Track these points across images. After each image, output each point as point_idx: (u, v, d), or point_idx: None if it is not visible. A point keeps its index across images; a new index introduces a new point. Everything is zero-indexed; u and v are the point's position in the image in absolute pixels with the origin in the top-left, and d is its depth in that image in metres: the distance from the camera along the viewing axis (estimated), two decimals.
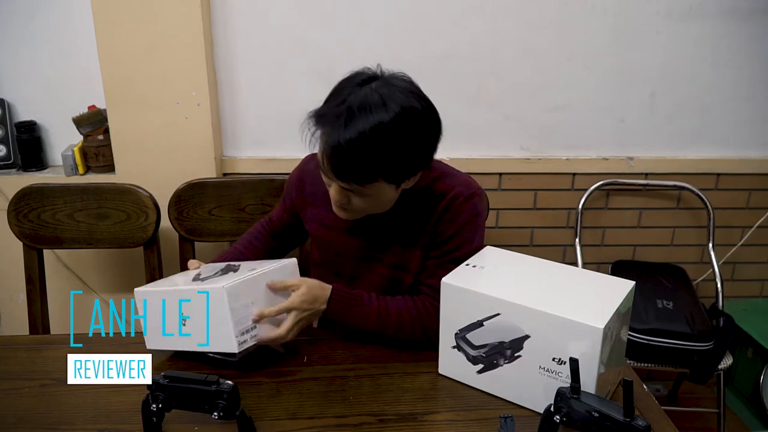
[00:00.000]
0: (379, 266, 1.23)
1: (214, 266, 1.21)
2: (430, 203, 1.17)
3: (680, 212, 2.07)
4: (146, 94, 1.75)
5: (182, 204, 1.70)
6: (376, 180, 1.03)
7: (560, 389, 0.91)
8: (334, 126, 0.99)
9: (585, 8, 1.82)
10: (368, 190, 1.06)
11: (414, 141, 1.03)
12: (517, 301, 0.98)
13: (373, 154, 0.99)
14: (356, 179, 1.03)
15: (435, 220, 1.16)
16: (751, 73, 1.91)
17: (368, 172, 1.02)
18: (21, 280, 1.67)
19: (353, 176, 1.02)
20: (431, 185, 1.18)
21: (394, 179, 1.06)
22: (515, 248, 1.20)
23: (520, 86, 1.90)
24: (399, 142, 1.00)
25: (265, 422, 0.99)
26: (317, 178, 1.18)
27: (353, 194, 1.08)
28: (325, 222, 1.26)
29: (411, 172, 1.08)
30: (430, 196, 1.17)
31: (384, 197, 1.10)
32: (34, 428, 1.00)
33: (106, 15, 1.68)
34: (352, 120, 0.98)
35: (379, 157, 1.00)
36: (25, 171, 1.91)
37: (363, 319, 1.16)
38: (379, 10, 1.80)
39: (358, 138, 0.97)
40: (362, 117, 0.98)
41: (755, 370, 2.05)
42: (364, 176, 1.02)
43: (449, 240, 1.16)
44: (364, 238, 1.23)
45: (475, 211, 1.17)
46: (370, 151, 0.99)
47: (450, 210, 1.15)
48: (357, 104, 0.99)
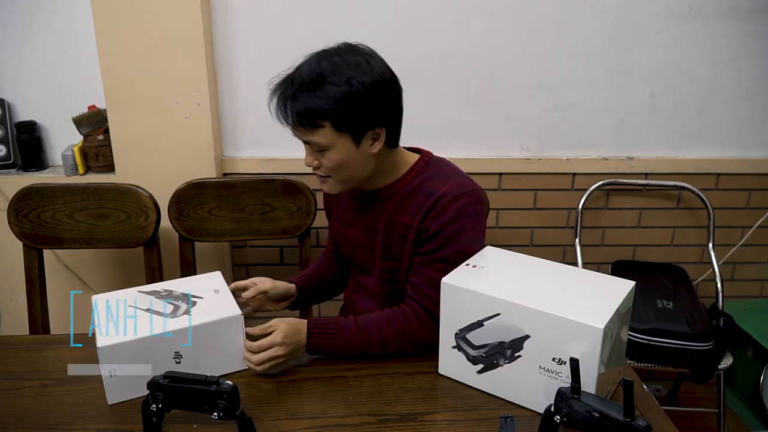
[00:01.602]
0: (378, 259, 1.27)
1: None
2: (419, 200, 1.18)
3: (680, 212, 2.07)
4: (146, 94, 1.75)
5: (182, 204, 1.70)
6: (324, 120, 1.08)
7: (560, 389, 0.91)
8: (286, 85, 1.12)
9: (585, 8, 1.82)
10: (322, 139, 1.10)
11: (358, 96, 1.09)
12: (517, 301, 0.98)
13: (317, 95, 1.08)
14: (305, 119, 1.09)
15: (420, 218, 1.17)
16: (751, 73, 1.91)
17: (313, 111, 1.08)
18: (21, 280, 1.67)
19: (302, 119, 1.09)
20: (423, 183, 1.20)
21: (341, 126, 1.10)
22: (515, 248, 1.20)
23: (520, 86, 1.90)
24: (341, 94, 1.08)
25: (265, 422, 0.99)
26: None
27: (317, 153, 1.14)
28: (343, 218, 1.34)
29: (358, 124, 1.11)
30: (419, 194, 1.19)
31: (346, 152, 1.12)
32: (34, 428, 1.00)
33: (106, 15, 1.68)
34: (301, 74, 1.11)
35: (322, 97, 1.08)
36: (25, 171, 1.91)
37: (345, 345, 1.14)
38: (379, 10, 1.80)
39: (307, 81, 1.09)
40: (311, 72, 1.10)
41: (755, 370, 2.05)
42: (310, 115, 1.08)
43: (432, 239, 1.16)
44: (366, 231, 1.28)
45: (461, 212, 1.15)
46: (315, 90, 1.08)
47: (434, 209, 1.16)
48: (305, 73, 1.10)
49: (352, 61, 1.10)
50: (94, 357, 1.18)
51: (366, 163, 1.16)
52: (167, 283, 1.23)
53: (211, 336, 1.07)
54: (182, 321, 1.07)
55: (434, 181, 1.19)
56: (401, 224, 1.21)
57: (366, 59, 1.11)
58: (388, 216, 1.22)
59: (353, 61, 1.10)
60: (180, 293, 1.17)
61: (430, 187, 1.18)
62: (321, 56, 1.12)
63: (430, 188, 1.18)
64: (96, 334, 1.05)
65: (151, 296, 1.16)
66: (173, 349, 1.05)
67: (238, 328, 1.09)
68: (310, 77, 1.09)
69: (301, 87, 1.09)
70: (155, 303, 1.14)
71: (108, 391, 1.04)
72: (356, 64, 1.10)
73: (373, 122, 1.12)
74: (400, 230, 1.21)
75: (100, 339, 1.02)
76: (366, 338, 1.14)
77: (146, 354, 1.02)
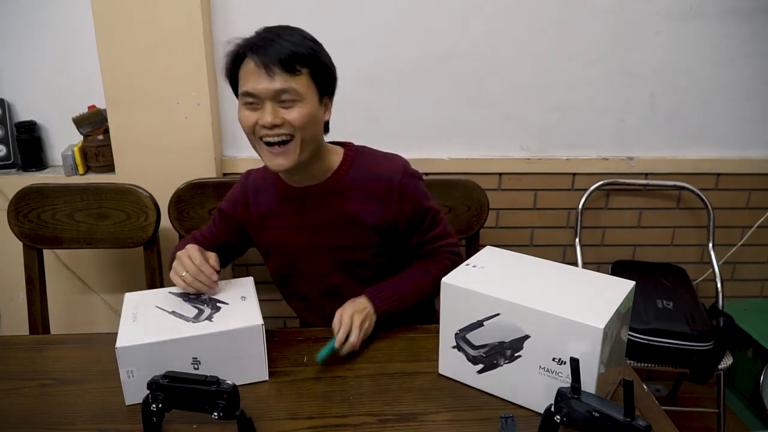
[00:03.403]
0: (332, 252, 1.29)
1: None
2: (368, 185, 1.25)
3: (680, 212, 2.07)
4: (146, 94, 1.75)
5: (182, 204, 1.70)
6: (303, 66, 1.12)
7: (560, 389, 0.91)
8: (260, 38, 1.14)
9: (585, 8, 1.82)
10: (298, 86, 1.11)
11: (322, 49, 1.17)
12: (517, 301, 0.98)
13: (297, 42, 1.12)
14: (288, 62, 1.10)
15: (381, 201, 1.25)
16: (751, 73, 1.91)
17: (296, 53, 1.11)
18: (21, 280, 1.67)
19: (284, 61, 1.10)
20: (362, 169, 1.26)
21: (316, 75, 1.14)
22: (515, 248, 1.20)
23: (520, 86, 1.90)
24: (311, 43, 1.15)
25: (265, 422, 0.99)
26: (260, 190, 1.31)
27: (285, 108, 1.12)
28: (275, 225, 1.31)
29: (325, 80, 1.17)
30: (364, 179, 1.25)
31: (312, 108, 1.14)
32: (34, 428, 1.00)
33: (106, 15, 1.68)
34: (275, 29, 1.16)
35: (300, 46, 1.12)
36: (25, 171, 1.91)
37: (407, 302, 1.26)
38: (379, 10, 1.80)
39: (286, 34, 1.14)
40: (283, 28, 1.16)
41: (755, 370, 2.05)
42: (294, 56, 1.11)
43: (416, 213, 1.28)
44: (309, 231, 1.28)
45: (410, 181, 1.26)
46: (292, 40, 1.12)
47: (394, 191, 1.24)
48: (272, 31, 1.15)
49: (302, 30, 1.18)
50: (94, 357, 1.19)
51: (320, 129, 1.20)
52: None
53: (231, 344, 1.06)
54: (202, 327, 1.06)
55: (371, 165, 1.27)
56: (352, 212, 1.25)
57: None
58: (334, 209, 1.25)
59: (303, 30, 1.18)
60: (207, 297, 1.16)
61: (371, 170, 1.26)
62: (273, 27, 1.17)
63: (372, 172, 1.25)
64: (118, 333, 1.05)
65: (179, 298, 1.16)
66: (191, 355, 1.04)
67: (259, 338, 1.07)
68: (285, 30, 1.14)
69: (279, 36, 1.12)
70: (181, 306, 1.13)
71: (126, 391, 1.04)
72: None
73: (331, 86, 1.20)
74: (351, 217, 1.25)
75: (119, 339, 1.02)
76: (421, 287, 1.27)
77: (164, 357, 1.02)
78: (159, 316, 1.10)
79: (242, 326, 1.07)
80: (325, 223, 1.26)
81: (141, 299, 1.17)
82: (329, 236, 1.27)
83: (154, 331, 1.05)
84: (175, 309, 1.12)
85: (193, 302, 1.14)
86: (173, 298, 1.16)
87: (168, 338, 1.03)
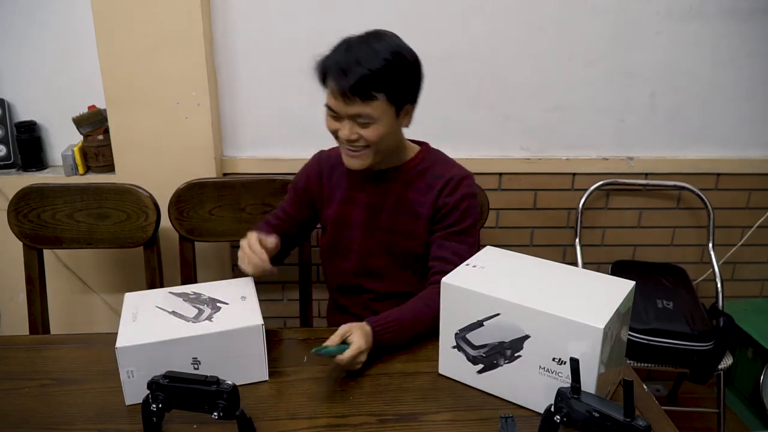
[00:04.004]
0: (384, 234, 1.35)
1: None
2: (428, 180, 1.32)
3: (680, 212, 2.07)
4: (146, 94, 1.75)
5: (182, 204, 1.70)
6: (379, 92, 1.16)
7: (560, 389, 0.91)
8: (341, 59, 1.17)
9: (585, 8, 1.82)
10: (373, 111, 1.17)
11: (405, 67, 1.20)
12: (517, 301, 0.98)
13: (373, 69, 1.15)
14: (361, 90, 1.14)
15: (435, 196, 1.31)
16: (751, 73, 1.91)
17: (371, 83, 1.14)
18: (21, 280, 1.67)
19: (360, 89, 1.14)
20: (430, 167, 1.34)
21: (393, 98, 1.18)
22: (515, 248, 1.20)
23: (520, 86, 1.90)
24: (393, 64, 1.17)
25: (265, 422, 0.99)
26: (334, 165, 1.38)
27: (361, 126, 1.19)
28: (340, 198, 1.38)
29: (404, 96, 1.21)
30: (429, 176, 1.33)
31: (388, 126, 1.21)
32: (34, 428, 1.00)
33: (106, 15, 1.68)
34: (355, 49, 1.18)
35: (378, 72, 1.15)
36: (25, 171, 1.91)
37: (406, 334, 1.19)
38: (379, 10, 1.80)
39: (365, 56, 1.15)
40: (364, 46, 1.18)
41: (755, 370, 2.05)
42: (367, 85, 1.14)
43: (451, 212, 1.30)
44: (368, 210, 1.35)
45: (469, 190, 1.32)
46: (371, 66, 1.14)
47: (447, 187, 1.31)
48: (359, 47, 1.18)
49: (396, 40, 1.21)
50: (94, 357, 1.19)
51: (396, 136, 1.28)
52: (198, 285, 1.23)
53: (230, 344, 1.06)
54: (202, 327, 1.06)
55: (440, 166, 1.35)
56: (412, 201, 1.32)
57: (400, 40, 1.23)
58: (396, 195, 1.33)
59: (397, 40, 1.22)
60: (207, 297, 1.16)
61: (438, 171, 1.33)
62: (364, 38, 1.19)
63: (437, 172, 1.33)
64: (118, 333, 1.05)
65: (179, 298, 1.16)
66: (191, 355, 1.04)
67: (259, 338, 1.07)
68: (365, 52, 1.16)
69: (356, 60, 1.14)
70: (181, 306, 1.14)
71: (126, 391, 1.04)
72: (398, 42, 1.21)
73: (412, 96, 1.25)
74: (410, 207, 1.33)
75: (119, 339, 1.02)
76: (421, 321, 1.21)
77: (164, 357, 1.02)
78: (159, 316, 1.10)
79: (242, 326, 1.07)
80: (384, 205, 1.34)
81: (141, 299, 1.17)
82: (385, 218, 1.34)
83: (154, 331, 1.05)
84: (175, 309, 1.12)
85: (193, 302, 1.14)
86: (173, 298, 1.16)
87: (168, 338, 1.03)
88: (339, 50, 1.19)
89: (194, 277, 1.75)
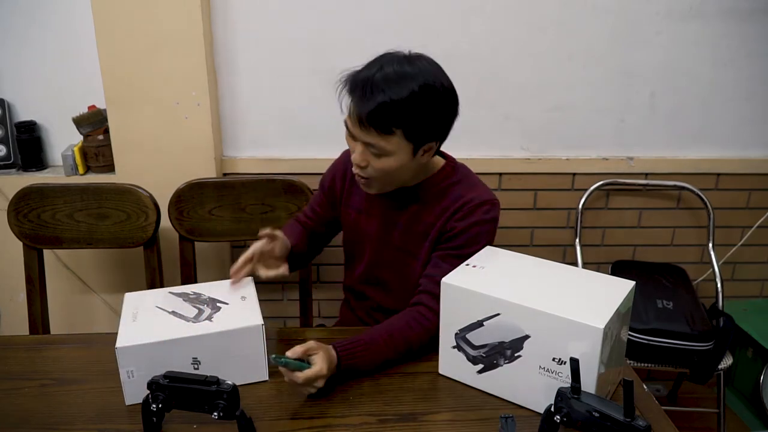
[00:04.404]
0: (392, 250, 1.30)
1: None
2: (445, 203, 1.23)
3: (680, 212, 2.07)
4: (146, 95, 1.75)
5: (182, 204, 1.70)
6: (397, 128, 1.08)
7: (560, 389, 0.91)
8: (366, 81, 1.08)
9: (585, 8, 1.82)
10: (388, 145, 1.10)
11: (432, 103, 1.10)
12: (517, 301, 0.98)
13: (395, 99, 1.06)
14: (379, 122, 1.08)
15: (446, 218, 1.22)
16: (751, 73, 1.91)
17: (390, 115, 1.07)
18: (21, 280, 1.67)
19: (377, 119, 1.07)
20: (450, 187, 1.25)
21: (412, 135, 1.11)
22: (515, 248, 1.20)
23: (520, 86, 1.90)
24: (420, 98, 1.08)
25: (265, 422, 0.99)
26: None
27: (373, 155, 1.13)
28: (357, 206, 1.34)
29: (426, 134, 1.13)
30: (446, 196, 1.24)
31: (401, 161, 1.13)
32: (34, 428, 1.00)
33: (106, 15, 1.68)
34: (385, 72, 1.09)
35: (400, 104, 1.07)
36: (25, 171, 1.91)
37: (372, 360, 1.12)
38: (379, 10, 1.80)
39: (392, 83, 1.07)
40: (396, 71, 1.09)
41: (755, 370, 2.05)
42: (387, 119, 1.07)
43: (456, 237, 1.21)
44: (382, 223, 1.30)
45: (486, 216, 1.21)
46: (393, 94, 1.06)
47: (462, 210, 1.21)
48: (388, 70, 1.09)
49: (432, 68, 1.12)
50: (94, 357, 1.19)
51: (411, 170, 1.19)
52: (198, 285, 1.23)
53: (230, 344, 1.06)
54: (202, 327, 1.06)
55: (461, 187, 1.25)
56: (425, 222, 1.25)
57: (438, 69, 1.14)
58: (412, 213, 1.27)
59: (433, 69, 1.12)
60: (207, 297, 1.16)
61: (458, 191, 1.24)
62: (400, 60, 1.11)
63: (457, 192, 1.23)
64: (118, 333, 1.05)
65: (179, 298, 1.16)
66: (191, 355, 1.04)
67: (259, 337, 1.07)
68: (393, 79, 1.07)
69: (381, 89, 1.07)
70: (181, 306, 1.13)
71: (126, 391, 1.04)
72: (434, 71, 1.12)
73: (436, 135, 1.16)
74: (422, 228, 1.26)
75: (119, 339, 1.02)
76: (393, 347, 1.14)
77: (164, 357, 1.01)
78: (159, 316, 1.10)
79: (242, 326, 1.07)
80: (399, 223, 1.28)
81: (141, 299, 1.17)
82: (397, 235, 1.29)
83: (154, 331, 1.05)
84: (175, 309, 1.12)
85: (193, 302, 1.14)
86: (173, 298, 1.16)
87: (168, 338, 1.03)
88: (370, 68, 1.11)
89: (194, 277, 1.75)
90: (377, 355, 1.12)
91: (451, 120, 1.18)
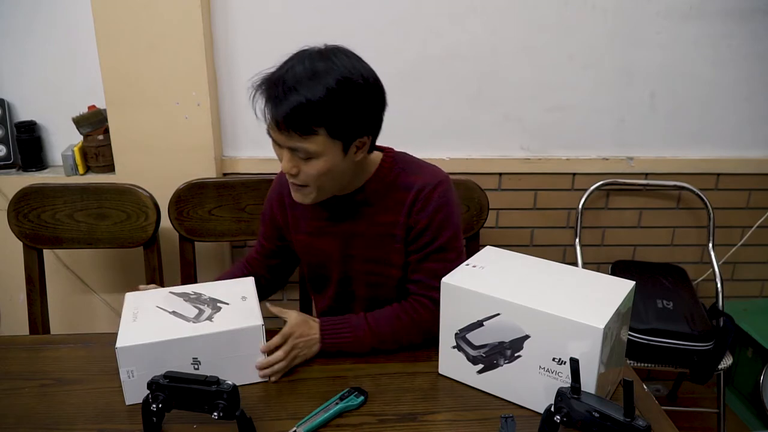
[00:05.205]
0: (360, 264, 1.24)
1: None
2: (399, 195, 1.18)
3: (680, 212, 2.07)
4: (146, 94, 1.75)
5: (182, 204, 1.70)
6: (319, 126, 1.02)
7: (560, 389, 0.91)
8: (277, 82, 1.03)
9: (585, 8, 1.82)
10: (313, 146, 1.03)
11: (353, 97, 1.03)
12: (517, 301, 0.98)
13: (311, 98, 1.00)
14: (298, 124, 1.01)
15: (406, 212, 1.17)
16: (751, 73, 1.91)
17: (307, 115, 1.00)
18: (21, 280, 1.67)
19: (295, 121, 1.01)
20: (396, 178, 1.19)
21: (337, 133, 1.04)
22: (515, 248, 1.20)
23: (520, 86, 1.90)
24: (338, 94, 1.01)
25: (265, 422, 0.99)
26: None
27: (302, 160, 1.06)
28: (307, 230, 1.27)
29: (353, 130, 1.07)
30: (396, 189, 1.18)
31: (332, 162, 1.07)
32: (34, 428, 1.00)
33: (106, 15, 1.68)
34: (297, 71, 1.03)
35: (317, 103, 1.00)
36: (25, 171, 1.91)
37: (359, 342, 1.15)
38: (379, 10, 1.80)
39: (305, 81, 1.00)
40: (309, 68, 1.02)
41: (755, 370, 2.05)
42: (305, 120, 1.01)
43: (424, 232, 1.17)
44: (341, 238, 1.23)
45: (443, 199, 1.17)
46: (308, 93, 1.00)
47: (419, 201, 1.16)
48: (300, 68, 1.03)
49: (350, 62, 1.04)
50: (94, 357, 1.19)
51: (346, 171, 1.13)
52: (199, 285, 1.22)
53: (230, 344, 1.06)
54: (202, 327, 1.06)
55: (407, 175, 1.19)
56: (385, 223, 1.20)
57: (358, 62, 1.06)
58: (368, 218, 1.20)
59: (351, 62, 1.05)
60: (208, 297, 1.16)
61: (406, 180, 1.18)
62: (312, 56, 1.04)
63: (406, 182, 1.18)
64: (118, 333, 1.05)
65: (180, 298, 1.16)
66: (191, 355, 1.04)
67: (259, 337, 1.08)
68: (305, 77, 1.01)
69: (293, 88, 1.00)
70: (182, 306, 1.13)
71: (126, 391, 1.03)
72: (353, 64, 1.05)
73: (364, 129, 1.09)
74: (384, 230, 1.20)
75: (119, 339, 1.02)
76: (378, 333, 1.15)
77: (164, 357, 1.01)
78: (159, 316, 1.10)
79: (242, 326, 1.07)
80: (357, 232, 1.22)
81: (141, 299, 1.17)
82: (361, 246, 1.22)
83: (154, 331, 1.05)
84: (176, 309, 1.12)
85: (194, 302, 1.14)
86: (173, 298, 1.16)
87: (168, 338, 1.03)
88: (281, 68, 1.04)
89: (194, 277, 1.75)
90: (362, 339, 1.15)
91: (379, 112, 1.10)
